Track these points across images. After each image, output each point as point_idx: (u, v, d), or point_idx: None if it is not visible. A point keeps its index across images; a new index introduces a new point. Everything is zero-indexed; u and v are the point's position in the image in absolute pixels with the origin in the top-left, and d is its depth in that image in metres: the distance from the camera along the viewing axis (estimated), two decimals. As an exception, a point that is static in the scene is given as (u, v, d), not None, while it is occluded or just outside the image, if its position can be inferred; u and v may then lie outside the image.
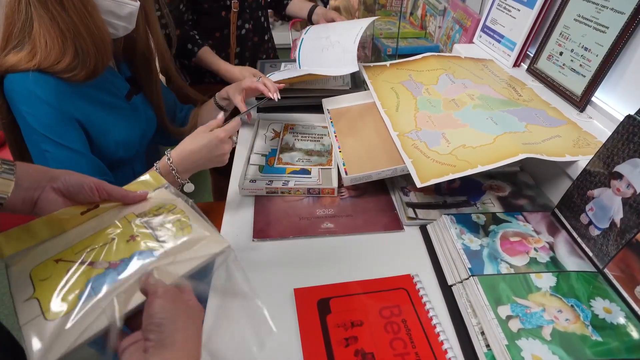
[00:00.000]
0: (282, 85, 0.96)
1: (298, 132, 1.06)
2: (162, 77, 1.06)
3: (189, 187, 0.82)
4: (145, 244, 0.49)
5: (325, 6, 1.70)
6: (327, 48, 1.15)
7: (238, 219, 0.83)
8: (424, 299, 0.66)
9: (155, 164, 0.78)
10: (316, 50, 1.18)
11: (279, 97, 0.93)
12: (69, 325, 0.42)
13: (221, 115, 0.81)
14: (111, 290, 0.44)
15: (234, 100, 0.97)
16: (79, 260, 0.48)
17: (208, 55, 1.27)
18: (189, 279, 0.46)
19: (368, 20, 1.15)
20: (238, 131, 0.87)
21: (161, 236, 0.51)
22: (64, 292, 0.45)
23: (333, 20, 1.38)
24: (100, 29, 0.75)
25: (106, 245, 0.50)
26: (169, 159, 0.77)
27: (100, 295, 0.44)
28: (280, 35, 2.67)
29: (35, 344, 0.41)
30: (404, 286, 0.69)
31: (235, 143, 0.87)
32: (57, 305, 0.44)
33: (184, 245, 0.50)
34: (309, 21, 1.50)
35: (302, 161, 0.95)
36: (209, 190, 2.25)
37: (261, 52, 1.50)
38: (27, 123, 0.74)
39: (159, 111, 1.00)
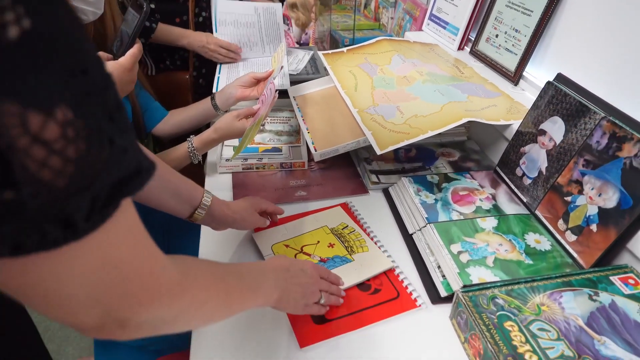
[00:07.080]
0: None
1: (267, 116, 1.13)
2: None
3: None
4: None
5: (282, 2, 1.77)
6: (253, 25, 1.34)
7: (217, 194, 0.89)
8: (383, 248, 0.76)
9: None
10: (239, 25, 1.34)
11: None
12: None
13: (256, 107, 0.91)
14: None
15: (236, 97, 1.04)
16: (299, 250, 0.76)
17: (167, 27, 1.30)
18: None
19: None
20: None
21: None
22: None
23: None
24: None
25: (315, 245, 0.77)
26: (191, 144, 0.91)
27: None
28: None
29: None
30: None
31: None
32: None
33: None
34: None
35: (273, 141, 1.03)
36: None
37: None
38: None
39: (134, 108, 1.02)
